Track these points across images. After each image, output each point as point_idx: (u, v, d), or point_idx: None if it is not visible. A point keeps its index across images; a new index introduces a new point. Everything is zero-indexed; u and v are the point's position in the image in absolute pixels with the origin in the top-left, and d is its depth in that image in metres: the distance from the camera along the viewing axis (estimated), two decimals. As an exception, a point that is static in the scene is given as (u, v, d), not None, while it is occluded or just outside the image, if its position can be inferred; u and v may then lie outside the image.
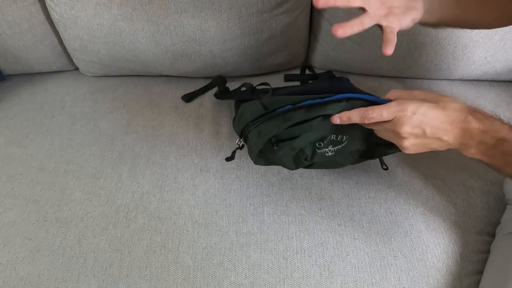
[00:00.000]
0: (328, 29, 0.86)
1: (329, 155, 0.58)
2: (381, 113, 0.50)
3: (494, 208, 0.68)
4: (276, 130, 0.55)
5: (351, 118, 0.52)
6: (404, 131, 0.48)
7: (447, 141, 0.49)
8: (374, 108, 0.50)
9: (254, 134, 0.55)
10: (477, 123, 0.48)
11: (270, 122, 0.54)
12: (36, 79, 0.93)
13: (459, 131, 0.48)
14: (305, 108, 0.53)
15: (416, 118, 0.48)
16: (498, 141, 0.48)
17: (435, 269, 0.61)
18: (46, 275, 0.60)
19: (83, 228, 0.65)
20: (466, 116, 0.48)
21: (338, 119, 0.52)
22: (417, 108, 0.48)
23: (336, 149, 0.58)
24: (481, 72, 0.87)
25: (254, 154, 0.57)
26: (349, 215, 0.67)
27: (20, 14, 0.81)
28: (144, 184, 0.71)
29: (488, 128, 0.48)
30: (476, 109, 0.50)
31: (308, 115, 0.53)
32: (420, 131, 0.48)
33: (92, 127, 0.82)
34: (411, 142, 0.50)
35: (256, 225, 0.66)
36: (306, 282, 0.60)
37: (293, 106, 0.54)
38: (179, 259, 0.62)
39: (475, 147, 0.49)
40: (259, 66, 0.91)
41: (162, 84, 0.92)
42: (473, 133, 0.48)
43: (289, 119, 0.54)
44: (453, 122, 0.48)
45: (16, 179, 0.72)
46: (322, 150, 0.57)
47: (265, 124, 0.55)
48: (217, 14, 0.79)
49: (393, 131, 0.50)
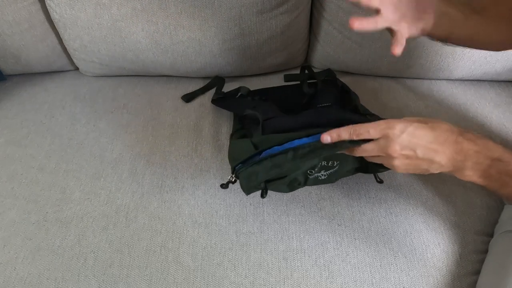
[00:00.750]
0: (328, 29, 0.86)
1: (322, 178, 0.59)
2: (368, 129, 0.50)
3: (493, 208, 0.68)
4: (265, 176, 0.56)
5: (341, 136, 0.51)
6: (393, 150, 0.48)
7: (439, 163, 0.48)
8: (362, 125, 0.50)
9: (244, 176, 0.56)
10: (470, 143, 0.48)
11: (259, 167, 0.55)
12: (36, 79, 0.93)
13: (451, 152, 0.48)
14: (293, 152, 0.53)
15: (404, 137, 0.47)
16: (493, 162, 0.48)
17: (435, 269, 0.61)
18: (46, 275, 0.60)
19: (83, 228, 0.66)
20: (457, 136, 0.48)
21: (328, 137, 0.52)
22: (405, 127, 0.48)
23: (329, 173, 0.59)
24: (481, 72, 0.87)
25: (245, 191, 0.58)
26: (349, 215, 0.67)
27: (20, 14, 0.81)
28: (144, 184, 0.71)
29: (481, 149, 0.48)
30: (466, 130, 0.49)
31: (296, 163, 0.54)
32: (410, 152, 0.48)
33: (92, 127, 0.82)
34: (402, 162, 0.49)
35: (256, 225, 0.66)
36: (306, 282, 0.60)
37: (281, 150, 0.54)
38: (179, 259, 0.62)
39: (471, 169, 0.48)
40: (259, 66, 0.91)
41: (162, 84, 0.92)
42: (467, 153, 0.48)
43: (277, 165, 0.54)
44: (444, 142, 0.48)
45: (16, 179, 0.73)
46: (314, 176, 0.58)
47: (254, 168, 0.55)
48: (217, 14, 0.79)
49: (383, 152, 0.49)
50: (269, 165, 0.54)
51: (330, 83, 0.81)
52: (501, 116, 0.84)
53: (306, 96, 0.77)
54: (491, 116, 0.84)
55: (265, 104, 0.72)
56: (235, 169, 0.57)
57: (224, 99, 0.83)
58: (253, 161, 0.55)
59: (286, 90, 0.84)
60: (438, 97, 0.88)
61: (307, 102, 0.77)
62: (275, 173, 0.55)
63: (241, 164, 0.56)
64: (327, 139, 0.52)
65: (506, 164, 0.47)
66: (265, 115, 0.65)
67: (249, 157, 0.56)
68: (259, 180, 0.56)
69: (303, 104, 0.77)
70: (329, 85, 0.80)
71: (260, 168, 0.55)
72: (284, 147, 0.54)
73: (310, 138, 0.54)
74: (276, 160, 0.54)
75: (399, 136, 0.47)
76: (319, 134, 0.53)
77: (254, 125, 0.66)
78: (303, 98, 0.77)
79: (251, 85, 0.87)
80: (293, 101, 0.79)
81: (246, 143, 0.59)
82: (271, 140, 0.56)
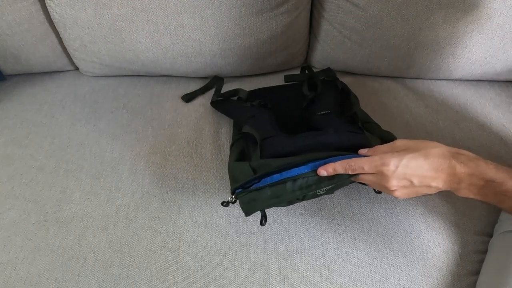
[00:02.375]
0: (328, 29, 0.86)
1: (321, 193, 0.60)
2: (363, 166, 0.52)
3: (493, 208, 0.68)
4: (264, 205, 0.57)
5: (336, 170, 0.53)
6: (391, 185, 0.50)
7: (436, 187, 0.50)
8: (357, 160, 0.52)
9: (244, 201, 0.56)
10: (462, 167, 0.49)
11: (258, 194, 0.55)
12: (36, 79, 0.93)
13: (446, 176, 0.49)
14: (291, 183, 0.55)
15: (399, 171, 0.49)
16: (486, 182, 0.49)
17: (435, 269, 0.61)
18: (46, 275, 0.60)
19: (83, 228, 0.66)
20: (449, 161, 0.49)
21: (324, 171, 0.54)
22: (399, 162, 0.49)
23: (327, 189, 0.59)
24: (481, 72, 0.87)
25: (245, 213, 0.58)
26: (349, 215, 0.67)
27: (20, 14, 0.81)
28: (144, 184, 0.71)
29: (473, 171, 0.49)
30: (458, 151, 0.51)
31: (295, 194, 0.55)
32: (407, 183, 0.50)
33: (92, 127, 0.82)
34: (401, 192, 0.51)
35: (256, 225, 0.65)
36: (306, 282, 0.60)
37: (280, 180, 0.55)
38: (179, 259, 0.62)
39: (466, 189, 0.50)
40: (259, 66, 0.91)
41: (162, 84, 0.92)
42: (461, 177, 0.49)
43: (276, 195, 0.55)
44: (438, 169, 0.49)
45: (16, 179, 0.73)
46: (313, 192, 0.58)
47: (253, 194, 0.55)
48: (217, 14, 0.79)
49: (381, 184, 0.51)
50: (268, 194, 0.55)
51: (330, 85, 0.80)
52: (501, 116, 0.84)
53: (306, 100, 0.77)
54: (491, 116, 0.84)
55: (264, 113, 0.72)
56: (235, 192, 0.57)
57: (222, 102, 0.83)
58: (253, 188, 0.55)
59: (286, 90, 0.84)
60: (438, 97, 0.88)
61: (306, 107, 0.77)
62: (273, 202, 0.56)
63: (241, 189, 0.57)
64: (323, 173, 0.54)
65: (499, 184, 0.49)
66: (263, 133, 0.65)
67: (248, 181, 0.56)
68: (258, 207, 0.57)
69: (303, 108, 0.77)
70: (329, 87, 0.80)
71: (259, 195, 0.55)
72: (283, 175, 0.55)
73: (308, 167, 0.55)
74: (275, 190, 0.55)
75: (394, 172, 0.49)
76: (316, 162, 0.55)
77: (252, 142, 0.66)
78: (303, 102, 0.77)
79: (251, 85, 0.87)
80: (293, 104, 0.79)
81: (245, 166, 0.59)
82: (270, 165, 0.57)
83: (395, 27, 0.80)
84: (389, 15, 0.78)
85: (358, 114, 0.71)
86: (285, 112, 0.77)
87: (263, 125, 0.68)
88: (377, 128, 0.70)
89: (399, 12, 0.77)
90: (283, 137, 0.65)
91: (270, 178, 0.56)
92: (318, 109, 0.74)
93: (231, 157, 0.68)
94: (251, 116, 0.71)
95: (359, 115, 0.71)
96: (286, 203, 0.61)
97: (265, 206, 0.58)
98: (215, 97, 0.85)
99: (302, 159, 0.56)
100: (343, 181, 0.55)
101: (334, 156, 0.56)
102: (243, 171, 0.59)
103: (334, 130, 0.64)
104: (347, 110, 0.75)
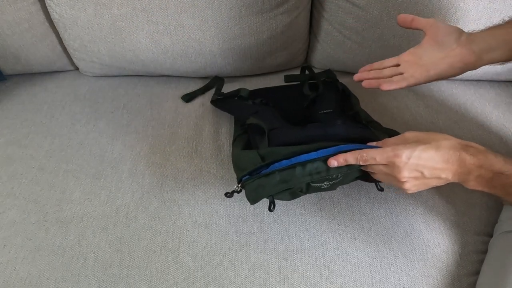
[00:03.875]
0: (328, 29, 0.86)
1: (324, 187, 0.59)
2: (375, 157, 0.52)
3: (493, 208, 0.68)
4: (272, 190, 0.56)
5: (347, 160, 0.53)
6: (403, 176, 0.50)
7: (446, 178, 0.51)
8: (369, 151, 0.52)
9: (251, 188, 0.56)
10: (472, 158, 0.49)
11: (267, 179, 0.55)
12: (36, 79, 0.93)
13: (456, 167, 0.50)
14: (301, 167, 0.54)
15: (411, 162, 0.50)
16: (495, 174, 0.50)
17: (435, 269, 0.61)
18: (46, 275, 0.60)
19: (83, 228, 0.66)
20: (460, 153, 0.50)
21: (335, 162, 0.53)
22: (411, 153, 0.50)
23: (331, 183, 0.59)
24: (481, 72, 0.87)
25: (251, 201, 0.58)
26: (349, 215, 0.67)
27: (20, 14, 0.81)
28: (144, 184, 0.71)
29: (482, 163, 0.50)
30: (468, 144, 0.51)
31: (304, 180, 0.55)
32: (418, 174, 0.50)
33: (92, 127, 0.82)
34: (411, 184, 0.52)
35: (256, 225, 0.66)
36: (306, 282, 0.60)
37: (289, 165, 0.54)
38: (179, 259, 0.62)
39: (474, 181, 0.51)
40: (259, 66, 0.91)
41: (162, 84, 0.92)
42: (470, 168, 0.50)
43: (285, 180, 0.55)
44: (448, 161, 0.50)
45: (16, 179, 0.73)
46: (317, 185, 0.58)
47: (261, 180, 0.55)
48: (217, 14, 0.79)
49: (391, 176, 0.52)
50: (277, 179, 0.55)
51: (330, 86, 0.80)
52: (501, 116, 0.84)
53: (307, 99, 0.77)
54: (491, 116, 0.84)
55: (267, 110, 0.72)
56: (242, 180, 0.57)
57: (223, 100, 0.83)
58: (261, 174, 0.55)
59: (287, 90, 0.84)
60: (438, 97, 0.88)
61: (308, 106, 0.77)
62: (281, 187, 0.55)
63: (248, 176, 0.56)
64: (334, 164, 0.54)
65: (508, 177, 0.49)
66: (270, 124, 0.65)
67: (256, 168, 0.56)
68: (266, 193, 0.56)
69: (305, 108, 0.77)
70: (330, 88, 0.80)
71: (267, 181, 0.55)
72: (292, 161, 0.55)
73: (318, 153, 0.54)
74: (284, 175, 0.54)
75: (407, 163, 0.50)
76: (326, 149, 0.54)
77: (258, 134, 0.66)
78: (304, 101, 0.77)
79: (251, 85, 0.87)
80: (294, 104, 0.79)
81: (253, 154, 0.59)
82: (279, 152, 0.56)
83: (395, 27, 0.80)
84: (389, 15, 0.79)
85: (360, 114, 0.71)
86: (287, 111, 0.77)
87: (268, 118, 0.68)
88: (380, 126, 0.70)
89: (399, 12, 0.77)
90: (290, 128, 0.64)
91: (279, 163, 0.55)
92: (320, 108, 0.74)
93: (236, 148, 0.67)
94: (254, 112, 0.71)
95: (361, 115, 0.71)
96: (290, 195, 0.60)
97: (273, 191, 0.57)
98: (216, 96, 0.85)
99: (311, 146, 0.55)
100: (353, 170, 0.54)
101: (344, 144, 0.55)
102: (250, 159, 0.58)
103: (342, 121, 0.64)
104: (348, 110, 0.75)
